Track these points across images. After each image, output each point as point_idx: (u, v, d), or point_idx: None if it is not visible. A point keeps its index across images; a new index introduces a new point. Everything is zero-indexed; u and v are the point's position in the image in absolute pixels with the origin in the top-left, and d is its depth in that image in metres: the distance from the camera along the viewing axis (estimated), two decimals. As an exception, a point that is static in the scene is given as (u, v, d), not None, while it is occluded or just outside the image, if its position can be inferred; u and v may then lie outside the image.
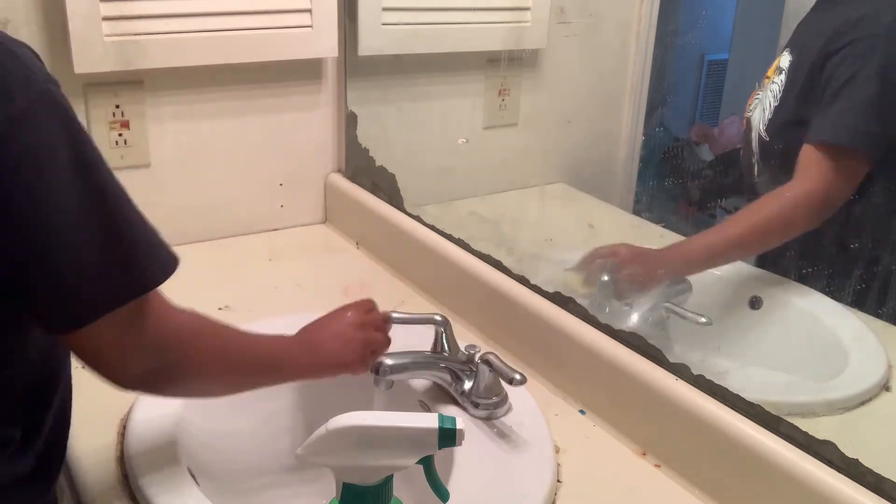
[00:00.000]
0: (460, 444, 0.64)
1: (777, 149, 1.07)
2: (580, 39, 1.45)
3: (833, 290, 0.98)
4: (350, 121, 1.37)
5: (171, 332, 0.66)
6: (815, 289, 1.00)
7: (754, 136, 1.09)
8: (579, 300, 0.97)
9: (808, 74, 1.01)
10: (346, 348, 0.82)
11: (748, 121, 1.11)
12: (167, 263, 0.63)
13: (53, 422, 0.69)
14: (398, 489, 0.68)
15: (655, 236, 1.24)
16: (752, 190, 1.11)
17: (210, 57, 1.21)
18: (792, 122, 1.04)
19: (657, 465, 0.84)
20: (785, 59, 1.07)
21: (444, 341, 0.89)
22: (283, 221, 1.40)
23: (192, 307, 0.69)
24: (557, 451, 0.84)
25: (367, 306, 0.88)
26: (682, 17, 1.46)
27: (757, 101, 1.10)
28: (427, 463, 0.65)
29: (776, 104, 1.05)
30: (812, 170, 0.99)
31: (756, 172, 1.10)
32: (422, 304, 1.15)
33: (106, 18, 1.10)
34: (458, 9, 1.38)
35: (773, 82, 1.07)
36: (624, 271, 1.08)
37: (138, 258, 0.61)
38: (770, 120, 1.06)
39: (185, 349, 0.67)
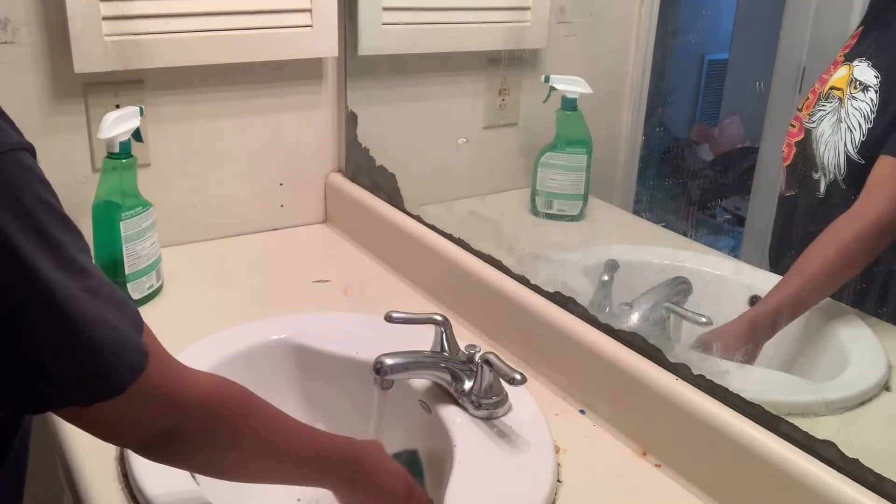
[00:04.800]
0: None
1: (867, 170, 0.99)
2: (580, 39, 1.45)
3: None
4: (350, 121, 1.37)
5: (181, 398, 0.60)
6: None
7: (826, 152, 1.01)
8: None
9: None
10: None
11: (808, 132, 1.04)
12: (133, 366, 0.55)
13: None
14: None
15: (655, 236, 1.24)
16: (804, 205, 1.05)
17: (210, 56, 1.21)
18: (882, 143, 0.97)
19: (657, 465, 0.84)
20: (867, 74, 0.99)
21: (444, 341, 0.89)
22: (283, 221, 1.40)
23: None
24: (557, 451, 0.84)
25: None
26: (682, 16, 1.46)
27: (823, 114, 1.02)
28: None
29: (869, 125, 0.97)
30: (890, 185, 0.92)
31: (823, 189, 1.02)
32: (422, 304, 1.15)
33: (106, 18, 1.10)
34: (458, 9, 1.38)
35: (855, 99, 0.99)
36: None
37: (100, 366, 0.53)
38: (863, 142, 0.98)
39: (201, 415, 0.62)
